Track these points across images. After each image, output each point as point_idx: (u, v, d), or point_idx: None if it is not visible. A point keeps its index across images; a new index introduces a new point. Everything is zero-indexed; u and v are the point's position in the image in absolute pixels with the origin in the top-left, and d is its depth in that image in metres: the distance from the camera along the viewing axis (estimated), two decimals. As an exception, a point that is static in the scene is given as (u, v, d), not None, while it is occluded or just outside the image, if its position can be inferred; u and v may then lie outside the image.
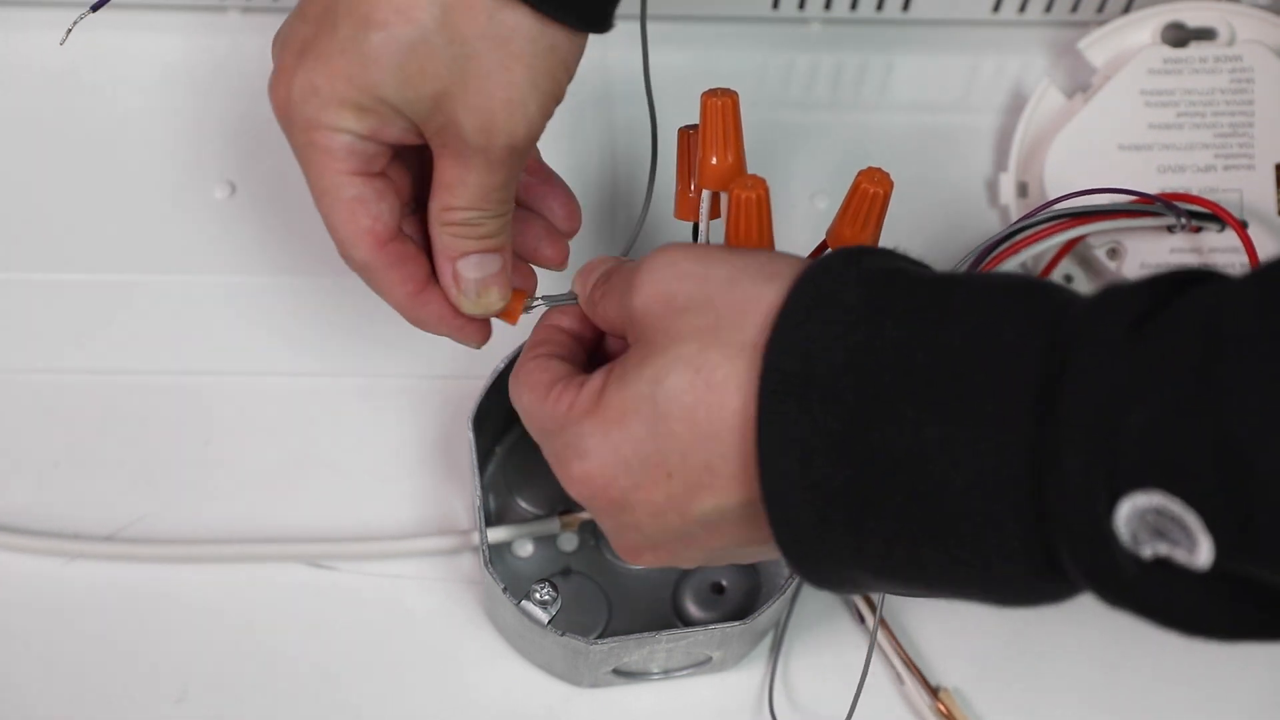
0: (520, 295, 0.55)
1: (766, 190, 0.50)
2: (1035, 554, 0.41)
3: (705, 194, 0.53)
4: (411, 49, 0.49)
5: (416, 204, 0.55)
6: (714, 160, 0.52)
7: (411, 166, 0.54)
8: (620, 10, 0.52)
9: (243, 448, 0.66)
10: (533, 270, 0.57)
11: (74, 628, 0.63)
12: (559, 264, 0.58)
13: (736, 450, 0.45)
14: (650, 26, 0.73)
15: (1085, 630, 0.65)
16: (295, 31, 0.51)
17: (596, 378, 0.48)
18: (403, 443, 0.66)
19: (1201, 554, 0.38)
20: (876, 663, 0.63)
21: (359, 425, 0.66)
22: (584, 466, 0.48)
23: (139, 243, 0.69)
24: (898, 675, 0.63)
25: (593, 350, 0.54)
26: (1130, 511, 0.39)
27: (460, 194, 0.52)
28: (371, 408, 0.67)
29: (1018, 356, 0.41)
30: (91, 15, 0.72)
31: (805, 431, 0.43)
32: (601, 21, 0.51)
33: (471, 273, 0.53)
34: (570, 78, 0.52)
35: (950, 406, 0.42)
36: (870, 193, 0.51)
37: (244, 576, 0.64)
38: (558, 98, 0.52)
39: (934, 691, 0.62)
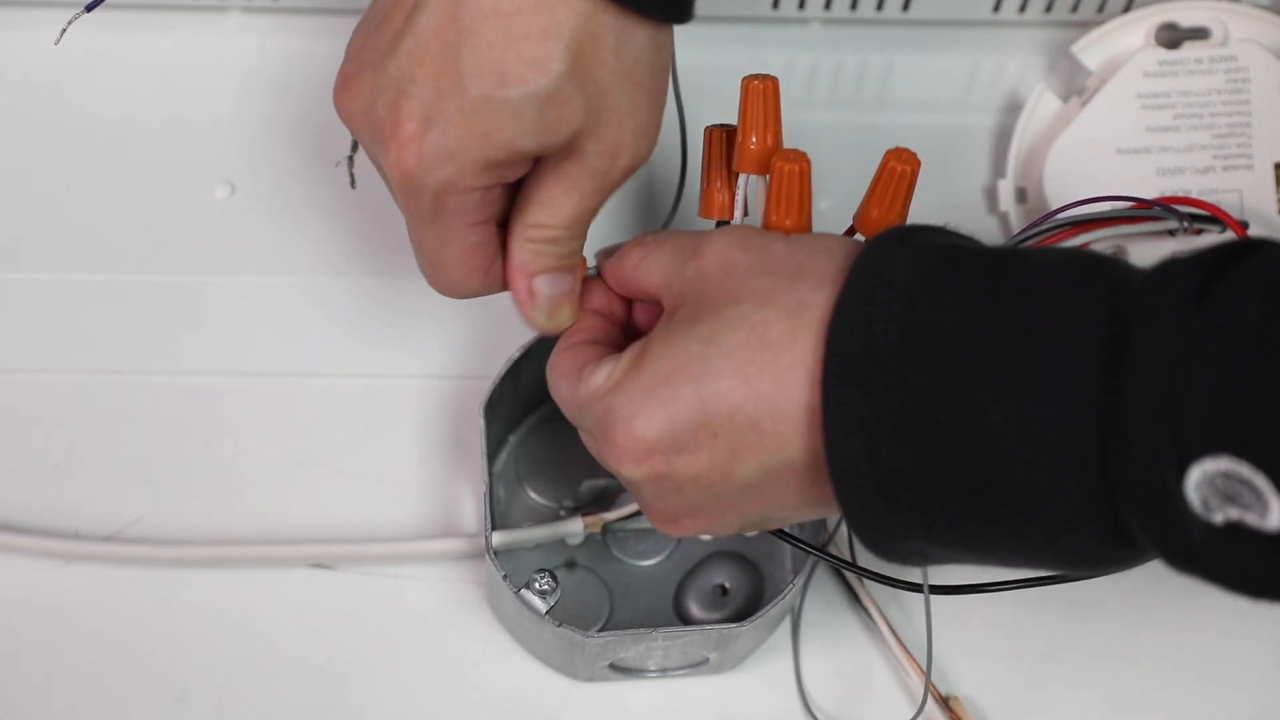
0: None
1: (809, 163, 0.51)
2: (1105, 524, 0.42)
3: (742, 178, 0.54)
4: (549, 99, 0.49)
5: None
6: (753, 142, 0.53)
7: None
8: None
9: (243, 448, 0.66)
10: None
11: (74, 628, 0.63)
12: None
13: (786, 406, 0.46)
14: (650, 27, 0.73)
15: (1096, 638, 0.65)
16: (410, 98, 0.49)
17: (634, 347, 0.49)
18: (404, 443, 0.66)
19: (1273, 516, 0.39)
20: (885, 670, 0.64)
21: (359, 425, 0.67)
22: (628, 430, 0.48)
23: (139, 243, 0.69)
24: (908, 683, 0.63)
25: (625, 326, 0.55)
26: (1200, 478, 0.39)
27: (553, 213, 0.52)
28: (372, 408, 0.67)
29: (1079, 331, 0.42)
30: (89, 15, 0.72)
31: (869, 413, 0.44)
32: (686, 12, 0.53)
33: (547, 289, 0.54)
34: None
35: (1014, 384, 0.42)
36: (898, 170, 0.51)
37: (244, 576, 0.64)
38: (663, 109, 0.53)
39: (944, 700, 0.62)
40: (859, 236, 0.53)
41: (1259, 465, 0.38)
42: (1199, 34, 0.70)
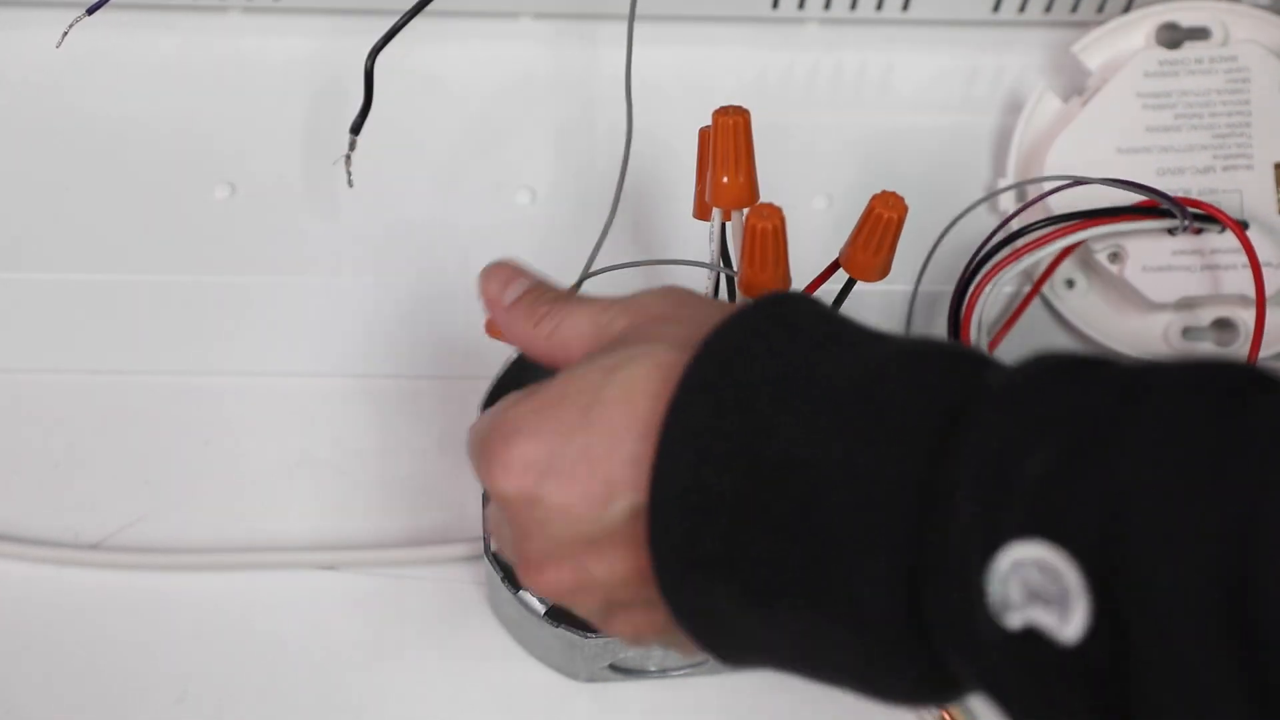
0: None
1: (783, 220, 0.50)
2: (899, 594, 0.39)
3: (716, 213, 0.54)
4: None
5: None
6: (725, 179, 0.52)
7: None
8: (612, 10, 0.52)
9: (243, 448, 0.66)
10: None
11: (74, 628, 0.63)
12: None
13: (624, 432, 0.44)
14: (649, 26, 0.73)
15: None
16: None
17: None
18: (404, 443, 0.66)
19: (1073, 623, 0.36)
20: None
21: (359, 425, 0.66)
22: (507, 443, 0.46)
23: (139, 243, 0.69)
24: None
25: None
26: (1009, 565, 0.36)
27: None
28: (373, 408, 0.67)
29: (933, 390, 0.40)
30: (90, 16, 0.72)
31: (709, 428, 0.42)
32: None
33: None
34: None
35: (861, 426, 0.40)
36: (884, 218, 0.51)
37: (244, 577, 0.64)
38: None
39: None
40: (843, 272, 0.53)
41: (1072, 552, 0.36)
42: (1199, 34, 0.70)
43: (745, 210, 0.52)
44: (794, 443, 0.41)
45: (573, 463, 0.45)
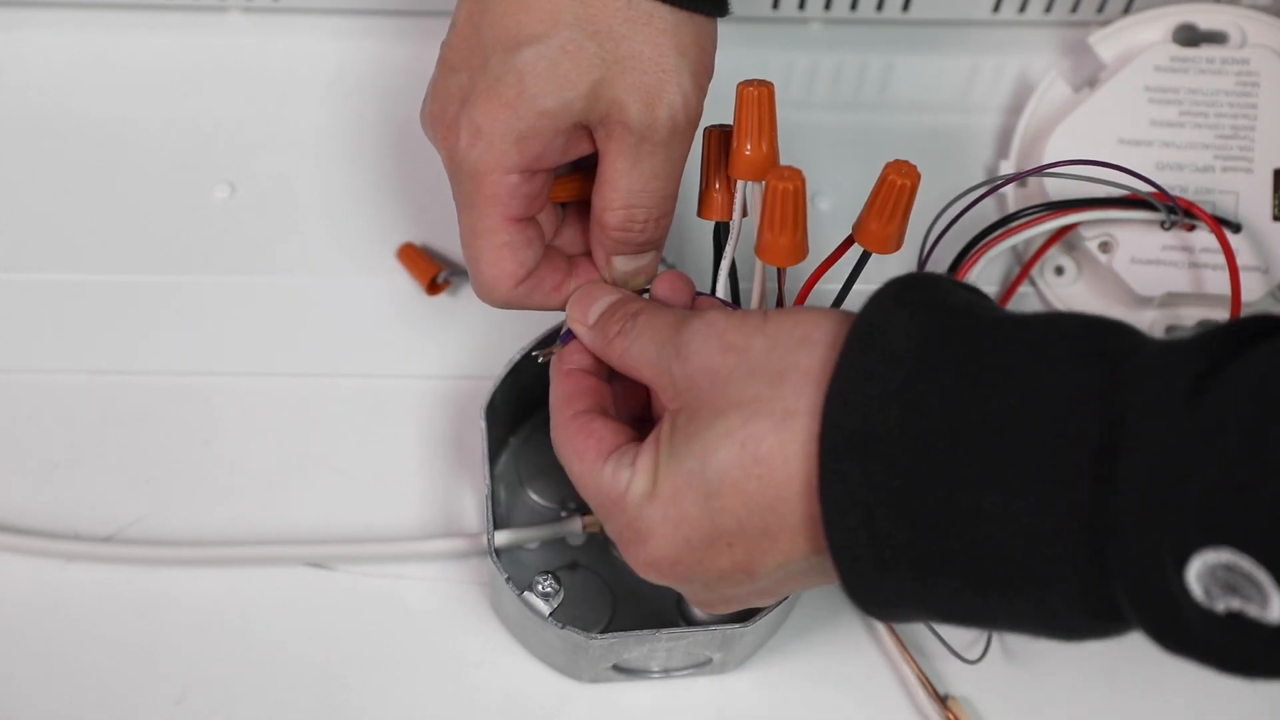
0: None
1: (803, 181, 0.51)
2: (1098, 604, 0.43)
3: (740, 184, 0.54)
4: (562, 50, 0.49)
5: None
6: (748, 150, 0.52)
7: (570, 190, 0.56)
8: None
9: (243, 448, 0.66)
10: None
11: (74, 628, 0.63)
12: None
13: (790, 516, 0.46)
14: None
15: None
16: (449, 85, 0.52)
17: (646, 455, 0.49)
18: (404, 443, 0.66)
19: (1274, 609, 0.39)
20: (885, 670, 0.63)
21: (360, 426, 0.66)
22: (647, 550, 0.49)
23: (139, 243, 0.69)
24: (905, 684, 0.63)
25: (610, 375, 0.55)
26: (1202, 568, 0.40)
27: (621, 186, 0.52)
28: (372, 408, 0.67)
29: (1074, 421, 0.42)
30: (89, 15, 0.72)
31: (865, 490, 0.44)
32: (721, 5, 0.53)
33: (624, 265, 0.55)
34: (714, 53, 0.53)
35: (1007, 471, 0.43)
36: (898, 184, 0.51)
37: (245, 576, 0.64)
38: (709, 71, 0.53)
39: (942, 700, 0.62)
40: (857, 246, 0.53)
41: (1260, 560, 0.39)
42: (1217, 37, 0.70)
43: (762, 185, 0.52)
44: (956, 489, 0.43)
45: (713, 547, 0.48)
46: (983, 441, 0.43)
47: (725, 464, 0.47)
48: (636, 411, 0.55)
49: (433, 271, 0.67)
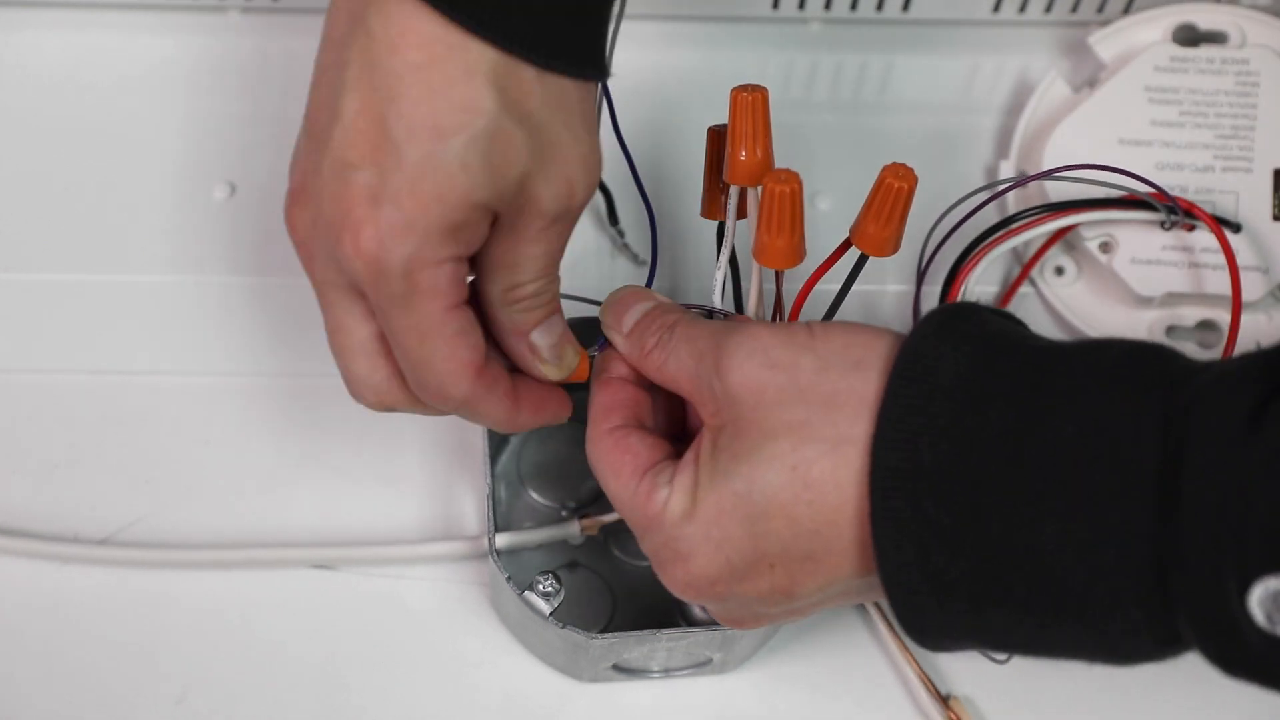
0: (582, 352, 0.54)
1: (800, 184, 0.51)
2: (1160, 632, 0.43)
3: (733, 189, 0.54)
4: (492, 139, 0.46)
5: None
6: (743, 155, 0.52)
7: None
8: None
9: (243, 448, 0.66)
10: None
11: (74, 628, 0.63)
12: None
13: (838, 542, 0.46)
14: (651, 27, 0.73)
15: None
16: (350, 184, 0.47)
17: (685, 473, 0.49)
18: (405, 444, 0.66)
19: None
20: (886, 670, 0.63)
21: (360, 425, 0.66)
22: (686, 569, 0.49)
23: (139, 243, 0.69)
24: (907, 683, 0.63)
25: (649, 385, 0.53)
26: (1264, 594, 0.40)
27: (527, 270, 0.50)
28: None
29: (1133, 450, 0.42)
30: (90, 15, 0.72)
31: (919, 526, 0.44)
32: (605, 69, 0.50)
33: (545, 339, 0.52)
34: None
35: (1066, 503, 0.43)
36: (895, 187, 0.51)
37: (245, 577, 0.64)
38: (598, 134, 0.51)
39: (944, 700, 0.62)
40: (855, 249, 0.53)
41: None
42: (1217, 37, 0.70)
43: (759, 188, 0.52)
44: (1014, 523, 0.43)
45: (754, 568, 0.48)
46: (1041, 475, 0.43)
47: (774, 487, 0.46)
48: (677, 421, 0.54)
49: None
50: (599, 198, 0.68)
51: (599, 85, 0.52)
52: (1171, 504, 0.41)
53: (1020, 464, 0.43)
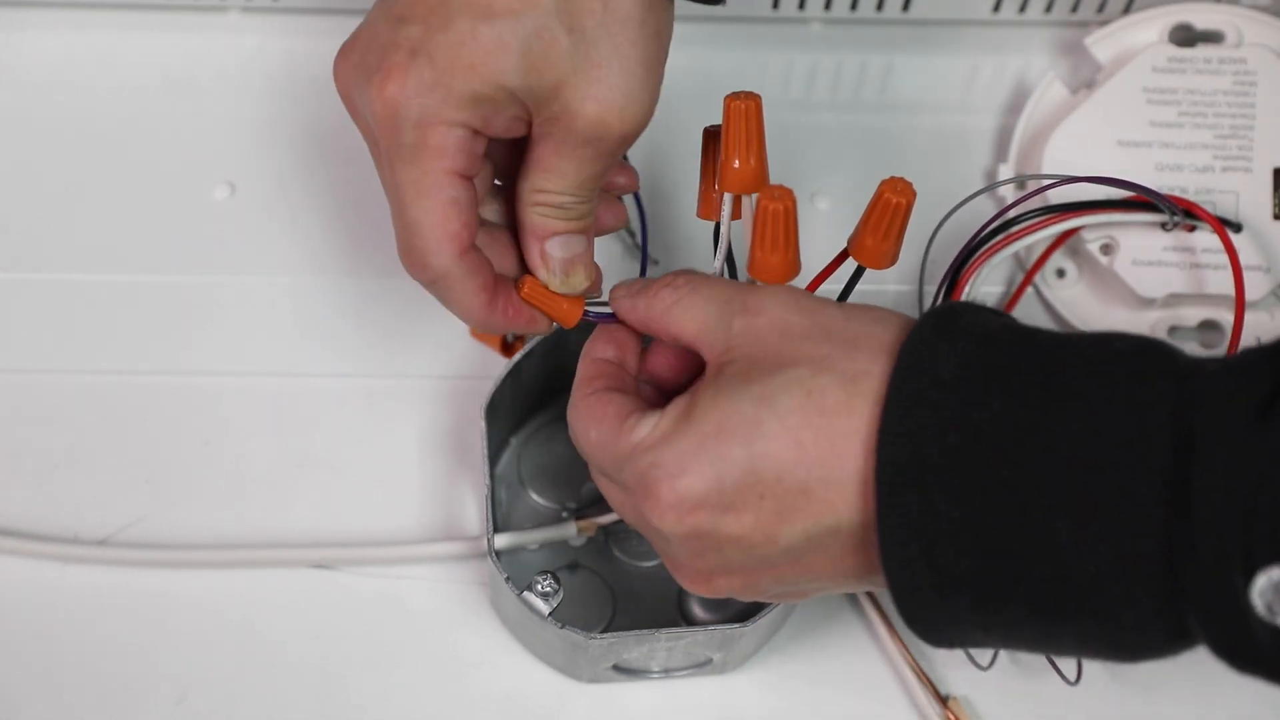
0: (592, 278, 0.55)
1: (794, 201, 0.50)
2: (1171, 625, 0.43)
3: (727, 197, 0.53)
4: (536, 35, 0.49)
5: (500, 181, 0.55)
6: (736, 164, 0.52)
7: (495, 158, 0.54)
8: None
9: (243, 448, 0.66)
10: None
11: (74, 628, 0.63)
12: (620, 225, 0.58)
13: (839, 472, 0.46)
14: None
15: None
16: (396, 35, 0.50)
17: (679, 402, 0.48)
18: (405, 444, 0.66)
19: None
20: (885, 671, 0.64)
21: (360, 426, 0.66)
22: (674, 486, 0.47)
23: (139, 243, 0.69)
24: (905, 684, 0.63)
25: (636, 373, 0.54)
26: (1266, 584, 0.40)
27: (558, 180, 0.52)
28: (373, 408, 0.67)
29: (1143, 442, 0.42)
30: (90, 14, 0.72)
31: (925, 521, 0.44)
32: None
33: (559, 252, 0.53)
34: (669, 44, 0.53)
35: (1079, 498, 0.43)
36: (893, 203, 0.51)
37: (245, 577, 0.64)
38: (662, 72, 0.52)
39: (943, 700, 0.62)
40: (852, 260, 0.53)
41: None
42: (1213, 36, 0.70)
43: (755, 196, 0.52)
44: (1023, 517, 0.43)
45: (743, 497, 0.46)
46: (1050, 469, 0.43)
47: (786, 409, 0.46)
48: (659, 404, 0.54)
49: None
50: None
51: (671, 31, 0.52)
52: (1182, 496, 0.41)
53: (1030, 458, 0.43)
